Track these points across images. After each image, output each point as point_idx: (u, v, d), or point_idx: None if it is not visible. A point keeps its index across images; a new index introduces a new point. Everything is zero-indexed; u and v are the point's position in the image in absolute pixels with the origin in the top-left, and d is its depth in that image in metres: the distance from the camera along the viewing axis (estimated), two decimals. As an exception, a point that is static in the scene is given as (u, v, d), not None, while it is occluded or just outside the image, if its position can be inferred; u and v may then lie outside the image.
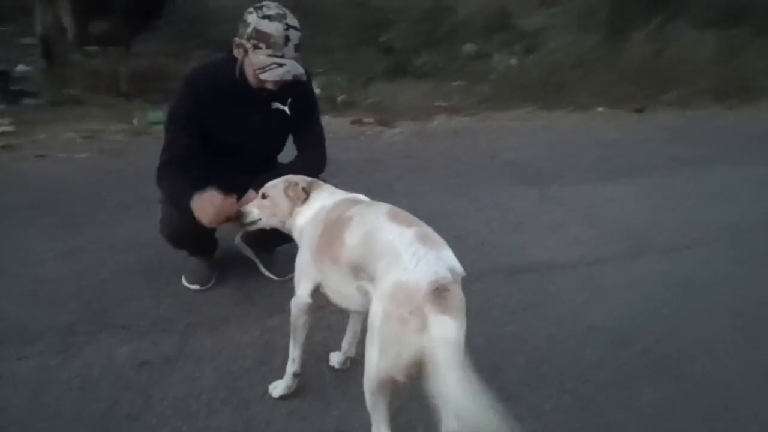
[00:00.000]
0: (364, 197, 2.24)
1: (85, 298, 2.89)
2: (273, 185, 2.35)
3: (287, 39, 2.50)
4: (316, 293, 2.17)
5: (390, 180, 4.51)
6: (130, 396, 2.31)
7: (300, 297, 2.18)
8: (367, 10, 8.94)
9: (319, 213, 2.17)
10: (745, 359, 2.69)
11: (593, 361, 2.65)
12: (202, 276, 3.04)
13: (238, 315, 2.84)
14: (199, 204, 2.47)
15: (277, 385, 2.33)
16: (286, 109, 2.75)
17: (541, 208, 4.24)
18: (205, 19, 7.77)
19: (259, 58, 2.51)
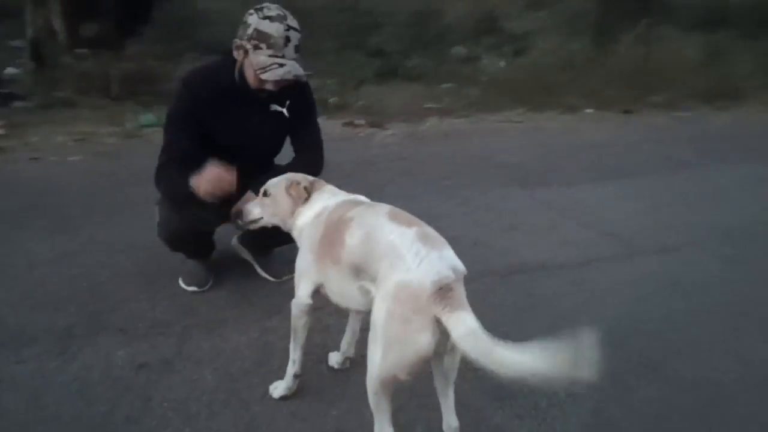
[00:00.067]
0: (365, 198, 2.24)
1: (81, 301, 2.89)
2: (275, 183, 2.35)
3: (288, 40, 2.51)
4: (315, 294, 2.17)
5: (382, 182, 4.54)
6: (130, 398, 2.30)
7: (300, 298, 2.18)
8: (357, 14, 9.00)
9: (321, 214, 2.16)
10: (738, 359, 2.72)
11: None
12: (199, 278, 3.04)
13: (236, 317, 2.84)
14: (198, 177, 2.44)
15: (278, 386, 2.33)
16: (285, 111, 2.77)
17: (533, 209, 4.28)
18: (193, 22, 7.79)
19: (259, 58, 2.52)
